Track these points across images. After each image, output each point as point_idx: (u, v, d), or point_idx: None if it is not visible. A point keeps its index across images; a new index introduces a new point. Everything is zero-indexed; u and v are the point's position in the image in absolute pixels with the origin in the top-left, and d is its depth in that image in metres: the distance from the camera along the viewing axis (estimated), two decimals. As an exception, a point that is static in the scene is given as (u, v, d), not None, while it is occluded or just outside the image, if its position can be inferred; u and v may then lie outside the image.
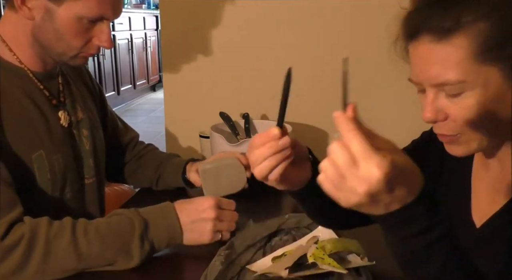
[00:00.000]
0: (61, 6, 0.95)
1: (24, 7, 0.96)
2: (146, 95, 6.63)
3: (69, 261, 0.86)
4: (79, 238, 0.87)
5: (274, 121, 1.57)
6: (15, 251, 0.82)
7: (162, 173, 1.28)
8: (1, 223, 0.83)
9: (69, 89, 1.13)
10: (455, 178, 0.86)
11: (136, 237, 0.90)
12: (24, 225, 0.85)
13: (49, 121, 1.04)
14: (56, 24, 0.97)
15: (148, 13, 6.40)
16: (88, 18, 0.97)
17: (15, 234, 0.83)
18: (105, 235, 0.89)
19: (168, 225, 0.94)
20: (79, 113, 1.14)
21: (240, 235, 0.94)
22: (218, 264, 0.83)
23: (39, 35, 0.99)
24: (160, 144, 1.48)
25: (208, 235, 0.95)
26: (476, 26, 0.67)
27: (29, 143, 0.98)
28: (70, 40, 0.99)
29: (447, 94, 0.71)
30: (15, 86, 1.00)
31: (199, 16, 1.61)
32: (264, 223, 0.97)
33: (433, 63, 0.70)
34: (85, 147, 1.14)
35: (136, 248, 0.90)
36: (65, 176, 1.06)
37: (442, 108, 0.72)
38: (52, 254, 0.84)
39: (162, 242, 0.93)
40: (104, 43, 1.02)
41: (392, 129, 1.66)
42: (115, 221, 0.92)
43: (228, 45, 1.63)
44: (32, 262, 0.83)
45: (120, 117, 1.39)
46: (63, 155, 1.05)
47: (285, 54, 1.62)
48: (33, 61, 1.03)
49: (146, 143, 1.40)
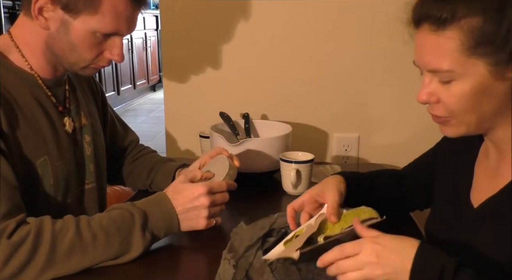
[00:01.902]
0: (77, 19, 0.97)
1: (41, 17, 0.97)
2: (146, 95, 6.63)
3: (75, 255, 0.86)
4: (83, 232, 0.88)
5: (274, 121, 1.58)
6: (22, 247, 0.83)
7: (154, 179, 1.28)
8: (10, 223, 0.84)
9: (74, 95, 1.15)
10: (461, 166, 0.93)
11: (138, 228, 0.92)
12: (29, 224, 0.86)
13: (55, 127, 1.05)
14: (70, 36, 0.99)
15: (148, 13, 6.40)
16: (102, 32, 0.99)
17: (22, 231, 0.84)
18: (107, 228, 0.90)
19: (165, 215, 0.96)
20: (83, 118, 1.15)
21: (237, 237, 0.94)
22: (230, 267, 0.83)
23: (53, 45, 1.01)
24: (160, 144, 1.49)
25: (203, 222, 0.98)
26: (469, 21, 0.73)
27: (35, 149, 0.99)
28: (83, 52, 1.01)
29: (439, 80, 0.78)
30: (25, 92, 1.01)
31: (199, 16, 1.61)
32: (256, 224, 0.98)
33: (428, 51, 0.78)
34: (86, 152, 1.15)
35: (139, 239, 0.91)
36: (68, 182, 1.07)
37: (435, 91, 0.80)
38: (58, 249, 0.85)
39: (161, 231, 0.95)
40: (116, 57, 1.04)
41: (393, 129, 1.67)
42: (115, 214, 0.93)
43: (228, 45, 1.63)
44: (39, 258, 0.84)
45: (121, 119, 1.39)
46: (66, 161, 1.07)
47: (285, 54, 1.63)
48: (44, 67, 1.05)
49: (144, 145, 1.40)
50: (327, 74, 1.63)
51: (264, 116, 1.67)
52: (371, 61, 1.61)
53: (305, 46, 1.61)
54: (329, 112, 1.66)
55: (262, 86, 1.66)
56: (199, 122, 1.63)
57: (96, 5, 0.96)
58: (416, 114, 1.64)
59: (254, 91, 1.66)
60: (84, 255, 0.87)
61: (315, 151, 1.36)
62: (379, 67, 1.61)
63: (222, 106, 1.55)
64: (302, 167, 1.26)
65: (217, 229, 1.03)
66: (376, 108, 1.65)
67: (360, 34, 1.59)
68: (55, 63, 1.05)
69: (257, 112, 1.65)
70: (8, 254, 0.82)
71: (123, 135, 1.37)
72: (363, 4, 1.56)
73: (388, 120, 1.66)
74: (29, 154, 0.97)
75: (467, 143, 0.92)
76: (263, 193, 1.33)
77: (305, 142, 1.55)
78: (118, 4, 0.97)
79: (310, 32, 1.60)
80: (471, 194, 0.89)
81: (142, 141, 1.44)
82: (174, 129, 1.72)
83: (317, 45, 1.61)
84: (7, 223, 0.84)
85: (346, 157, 1.69)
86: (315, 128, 1.68)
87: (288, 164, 1.26)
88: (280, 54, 1.63)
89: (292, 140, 1.43)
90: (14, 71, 1.01)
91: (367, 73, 1.62)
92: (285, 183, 1.29)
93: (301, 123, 1.66)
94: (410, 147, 1.64)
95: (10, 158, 0.92)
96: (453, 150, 0.97)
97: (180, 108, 1.69)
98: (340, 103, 1.65)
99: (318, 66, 1.63)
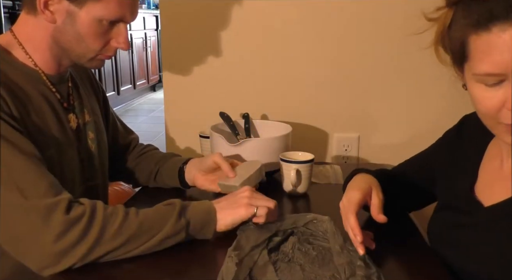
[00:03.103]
0: (83, 8, 0.98)
1: (47, 11, 0.98)
2: (146, 95, 6.63)
3: (119, 237, 0.89)
4: (131, 217, 0.91)
5: (274, 121, 1.57)
6: (78, 225, 0.86)
7: (160, 168, 1.30)
8: (62, 199, 0.87)
9: (77, 92, 1.15)
10: (467, 164, 0.93)
11: (175, 213, 0.94)
12: (84, 205, 0.89)
13: (61, 123, 1.06)
14: (77, 26, 1.00)
15: (148, 13, 6.40)
16: (108, 19, 1.01)
17: (77, 210, 0.87)
18: (152, 217, 0.93)
19: (205, 209, 0.98)
20: (86, 115, 1.16)
21: (244, 235, 0.94)
22: (233, 265, 0.83)
23: (60, 38, 1.02)
24: (160, 144, 1.49)
25: (243, 208, 0.97)
26: None
27: (43, 142, 1.00)
28: (90, 42, 1.03)
29: None
30: (31, 87, 1.01)
31: (199, 16, 1.61)
32: (264, 225, 0.98)
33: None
34: (91, 149, 1.15)
35: (173, 221, 0.93)
36: (73, 178, 1.08)
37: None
38: (106, 232, 0.88)
39: (197, 222, 0.96)
40: (122, 44, 1.06)
41: (393, 129, 1.67)
42: (160, 207, 0.96)
43: (228, 45, 1.63)
44: (89, 238, 0.86)
45: (120, 119, 1.40)
46: (71, 157, 1.07)
47: (285, 54, 1.62)
48: (48, 63, 1.05)
49: (148, 144, 1.42)
50: (327, 74, 1.63)
51: (264, 116, 1.67)
52: (371, 61, 1.61)
53: (305, 46, 1.61)
54: (329, 112, 1.66)
55: (262, 86, 1.65)
56: (199, 122, 1.63)
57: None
58: (416, 114, 1.64)
59: (254, 91, 1.66)
60: (127, 240, 0.89)
61: (315, 151, 1.36)
62: (379, 67, 1.61)
63: (222, 106, 1.55)
64: (302, 167, 1.26)
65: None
66: (376, 108, 1.65)
67: (360, 35, 1.59)
68: (60, 58, 1.06)
69: (257, 112, 1.65)
70: (64, 229, 0.85)
71: (124, 134, 1.37)
72: (363, 4, 1.55)
73: (388, 120, 1.66)
74: (38, 147, 0.97)
75: (473, 140, 0.92)
76: (263, 193, 1.32)
77: (305, 142, 1.55)
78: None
79: (310, 33, 1.60)
80: (475, 190, 0.88)
81: (142, 141, 1.44)
82: (174, 129, 1.72)
83: (317, 45, 1.61)
84: (59, 199, 0.87)
85: (346, 157, 1.69)
86: (315, 128, 1.68)
87: (288, 164, 1.26)
88: (280, 54, 1.63)
89: (292, 140, 1.43)
90: (17, 67, 1.01)
91: (367, 73, 1.62)
92: (285, 183, 1.29)
93: (301, 123, 1.66)
94: (410, 147, 1.64)
95: None
96: (456, 147, 0.96)
97: (180, 108, 1.69)
98: (340, 103, 1.65)
99: (318, 66, 1.63)
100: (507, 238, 0.79)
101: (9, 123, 0.90)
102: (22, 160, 0.88)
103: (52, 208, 0.86)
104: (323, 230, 0.96)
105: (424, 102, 1.62)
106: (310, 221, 0.98)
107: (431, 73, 1.59)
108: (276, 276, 0.83)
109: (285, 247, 0.93)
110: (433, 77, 1.59)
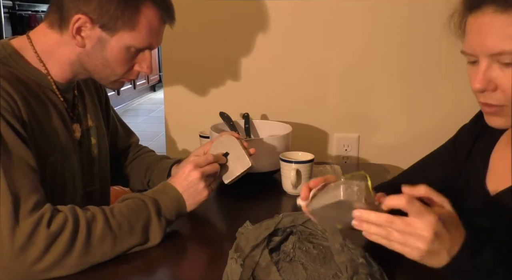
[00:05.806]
0: (114, 36, 1.00)
1: (78, 36, 0.99)
2: (146, 95, 6.64)
3: (106, 243, 0.89)
4: (110, 219, 0.91)
5: (274, 121, 1.58)
6: (63, 235, 0.85)
7: (150, 177, 1.29)
8: (45, 211, 0.85)
9: (82, 99, 1.16)
10: (479, 155, 0.94)
11: (153, 214, 0.96)
12: (63, 212, 0.88)
13: (68, 131, 1.06)
14: (106, 53, 1.01)
15: (148, 13, 6.38)
16: (137, 48, 1.03)
17: (59, 220, 0.86)
18: (129, 216, 0.93)
19: (173, 198, 1.01)
20: (89, 121, 1.16)
21: (243, 237, 0.94)
22: (237, 266, 0.83)
23: (86, 60, 1.03)
24: (160, 144, 1.49)
25: (205, 192, 1.04)
26: None
27: (47, 146, 1.00)
28: (116, 67, 1.04)
29: (500, 63, 0.74)
30: (41, 92, 1.01)
31: (199, 16, 1.61)
32: (261, 224, 0.98)
33: (493, 33, 0.74)
34: (92, 155, 1.16)
35: (156, 224, 0.96)
36: (74, 183, 1.08)
37: (493, 78, 0.76)
38: (92, 236, 0.87)
39: (172, 215, 1.00)
40: (146, 69, 1.08)
41: (393, 129, 1.67)
42: (130, 203, 0.96)
43: (228, 45, 1.63)
44: (78, 245, 0.86)
45: (123, 121, 1.40)
46: (73, 162, 1.07)
47: (285, 54, 1.63)
48: (63, 75, 1.05)
49: (142, 146, 1.41)
50: (327, 74, 1.63)
51: (264, 116, 1.67)
52: (371, 61, 1.61)
53: (305, 46, 1.62)
54: (329, 112, 1.67)
55: (262, 86, 1.66)
56: (199, 122, 1.63)
57: (134, 23, 0.99)
58: (416, 114, 1.65)
59: (254, 91, 1.66)
60: (114, 242, 0.90)
61: (315, 151, 1.36)
62: (379, 67, 1.61)
63: (222, 106, 1.55)
64: (302, 167, 1.26)
65: (220, 229, 1.04)
66: (376, 108, 1.65)
67: (360, 35, 1.59)
68: (78, 73, 1.07)
69: (257, 112, 1.65)
70: (48, 243, 0.83)
71: (124, 138, 1.37)
72: (363, 4, 1.56)
73: (388, 120, 1.66)
74: (42, 151, 0.97)
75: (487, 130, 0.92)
76: (263, 193, 1.32)
77: (305, 142, 1.55)
78: (152, 20, 1.02)
79: (310, 33, 1.60)
80: (487, 180, 0.89)
81: (142, 141, 1.44)
82: (174, 129, 1.72)
83: (317, 45, 1.61)
84: (42, 212, 0.85)
85: (346, 157, 1.69)
86: (315, 128, 1.68)
87: (288, 164, 1.26)
88: (280, 54, 1.63)
89: (292, 140, 1.43)
90: (29, 70, 1.01)
91: (367, 74, 1.62)
92: (285, 183, 1.29)
93: (301, 123, 1.66)
94: (410, 147, 1.65)
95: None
96: (469, 139, 0.98)
97: (180, 108, 1.69)
98: (340, 103, 1.65)
99: (318, 66, 1.63)
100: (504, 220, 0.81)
101: (14, 129, 0.89)
102: (18, 171, 0.86)
103: (38, 223, 0.84)
104: (322, 229, 0.96)
105: (424, 102, 1.62)
106: (309, 219, 0.98)
107: (431, 74, 1.59)
108: (279, 276, 0.83)
109: (286, 247, 0.93)
110: (433, 77, 1.60)
